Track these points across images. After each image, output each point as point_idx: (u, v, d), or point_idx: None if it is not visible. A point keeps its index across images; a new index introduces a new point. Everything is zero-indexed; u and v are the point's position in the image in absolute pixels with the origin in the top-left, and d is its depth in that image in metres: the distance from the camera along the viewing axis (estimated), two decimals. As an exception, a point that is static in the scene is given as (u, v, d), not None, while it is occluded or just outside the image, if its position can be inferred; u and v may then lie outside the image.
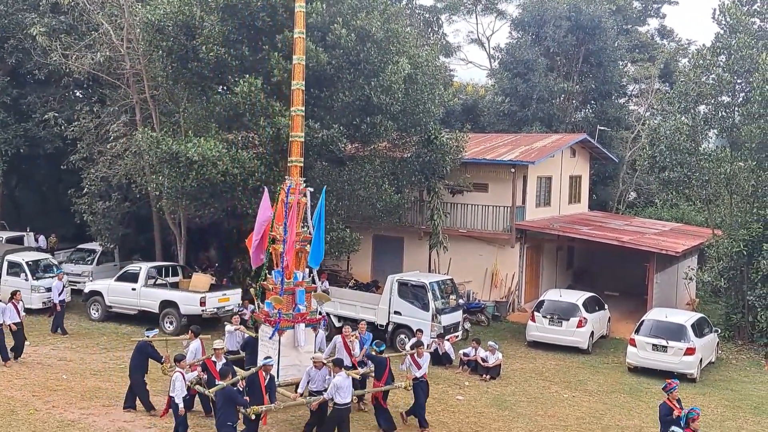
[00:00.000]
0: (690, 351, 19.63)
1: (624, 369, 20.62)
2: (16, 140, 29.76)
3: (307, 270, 16.07)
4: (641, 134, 38.75)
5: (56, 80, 29.19)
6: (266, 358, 14.06)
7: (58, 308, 21.89)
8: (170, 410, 13.76)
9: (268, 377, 13.71)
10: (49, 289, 23.16)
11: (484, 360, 19.47)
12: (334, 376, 13.58)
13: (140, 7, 23.61)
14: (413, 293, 21.49)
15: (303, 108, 16.06)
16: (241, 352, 16.71)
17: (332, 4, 21.89)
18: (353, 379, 14.01)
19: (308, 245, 15.73)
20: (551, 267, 29.88)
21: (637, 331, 20.53)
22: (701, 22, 68.17)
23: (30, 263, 24.69)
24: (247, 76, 20.66)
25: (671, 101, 26.49)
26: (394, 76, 21.63)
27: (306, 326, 15.58)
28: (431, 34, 45.35)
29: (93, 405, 15.55)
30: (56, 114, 28.53)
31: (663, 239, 26.99)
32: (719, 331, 22.80)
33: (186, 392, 13.56)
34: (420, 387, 15.08)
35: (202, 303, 21.97)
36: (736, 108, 25.05)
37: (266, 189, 16.79)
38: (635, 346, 20.27)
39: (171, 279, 24.09)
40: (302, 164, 16.12)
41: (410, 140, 25.52)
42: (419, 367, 15.23)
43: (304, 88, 16.19)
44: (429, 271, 26.12)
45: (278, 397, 14.24)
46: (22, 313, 19.23)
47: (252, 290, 17.13)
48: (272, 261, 16.18)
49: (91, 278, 25.94)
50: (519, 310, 26.76)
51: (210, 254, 30.53)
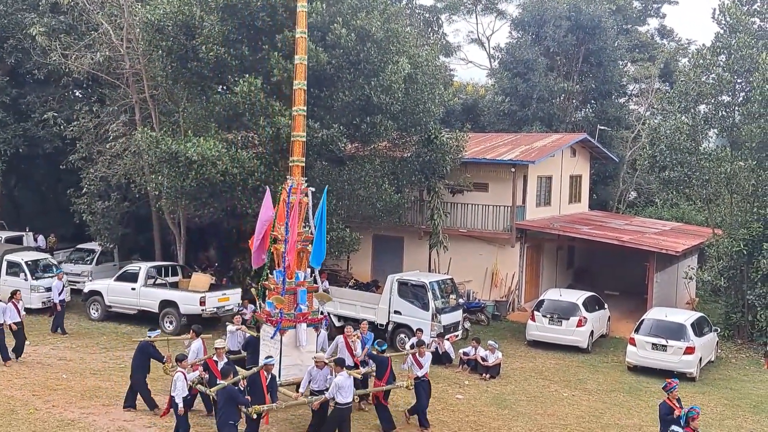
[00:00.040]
0: (689, 350, 19.64)
1: (623, 368, 20.63)
2: (16, 140, 29.76)
3: (309, 270, 16.07)
4: (641, 134, 38.75)
5: (56, 80, 29.19)
6: (267, 358, 14.05)
7: (59, 308, 21.89)
8: (171, 410, 13.75)
9: (270, 377, 13.70)
10: (49, 289, 23.19)
11: (484, 359, 19.48)
12: (336, 376, 13.58)
13: (140, 7, 23.60)
14: (413, 293, 21.50)
15: (305, 108, 16.03)
16: (243, 352, 16.70)
17: (332, 4, 21.88)
18: (355, 379, 14.02)
19: (310, 245, 15.74)
20: (551, 266, 29.88)
21: (637, 331, 20.53)
22: (701, 22, 68.32)
23: (29, 263, 24.70)
24: (247, 76, 20.65)
25: (671, 101, 26.48)
26: (394, 76, 21.62)
27: (308, 326, 15.57)
28: (431, 34, 45.32)
29: (93, 404, 15.55)
30: (55, 114, 28.53)
31: (663, 239, 26.99)
32: (719, 331, 22.83)
33: (187, 392, 13.55)
34: (421, 386, 15.08)
35: (202, 303, 21.97)
36: (736, 107, 25.05)
37: (268, 189, 16.76)
38: (635, 345, 20.27)
39: (170, 279, 24.09)
40: (304, 164, 16.10)
41: (410, 140, 25.51)
42: (421, 367, 15.23)
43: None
44: (429, 271, 26.12)
45: (280, 397, 14.23)
46: (22, 313, 19.24)
47: (253, 290, 17.13)
48: (274, 261, 16.19)
49: (91, 278, 25.94)
50: (519, 310, 26.76)
51: (209, 254, 30.52)
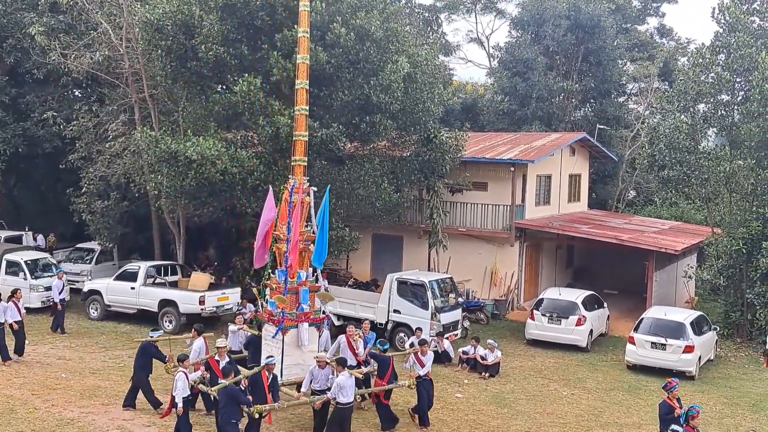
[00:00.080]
0: (689, 349, 19.66)
1: (623, 367, 20.65)
2: (15, 139, 29.72)
3: (311, 269, 16.06)
4: (641, 133, 38.77)
5: (55, 79, 29.15)
6: (268, 358, 14.04)
7: (59, 307, 21.88)
8: (173, 410, 13.75)
9: (271, 377, 13.70)
10: (48, 288, 23.19)
11: (483, 358, 19.50)
12: (337, 376, 13.59)
13: (139, 7, 23.59)
14: (413, 292, 21.51)
15: (307, 107, 16.01)
16: (244, 351, 16.71)
17: (331, 3, 21.87)
18: (356, 378, 14.03)
19: (312, 245, 15.71)
20: (550, 265, 29.89)
21: (636, 329, 20.55)
22: (700, 21, 68.34)
23: (29, 262, 24.67)
24: (246, 75, 20.64)
25: (670, 100, 26.50)
26: (394, 75, 21.62)
27: (309, 325, 15.56)
28: (430, 33, 45.29)
29: (92, 403, 15.55)
30: (55, 113, 28.50)
31: (662, 238, 27.01)
32: (718, 329, 22.88)
33: (188, 392, 13.53)
34: (423, 385, 15.07)
35: (201, 302, 21.95)
36: (736, 106, 25.08)
37: (270, 188, 16.73)
38: (634, 344, 20.29)
39: (170, 278, 24.07)
40: (306, 163, 16.09)
41: (410, 139, 25.50)
42: (423, 366, 15.24)
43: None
44: (428, 270, 26.13)
45: (282, 396, 14.23)
46: (23, 311, 19.24)
47: (255, 290, 17.12)
48: (275, 260, 16.19)
49: (90, 277, 25.94)
50: (518, 309, 26.77)
51: (209, 253, 30.51)
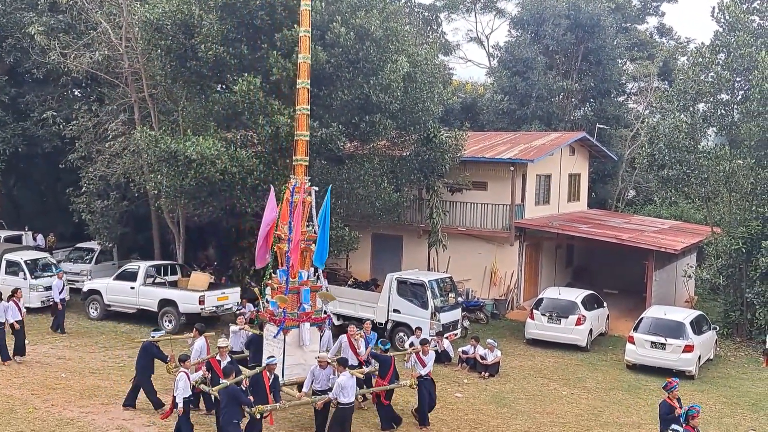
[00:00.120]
0: (688, 348, 19.67)
1: (622, 366, 20.65)
2: (15, 139, 29.72)
3: (312, 269, 16.06)
4: (640, 132, 38.76)
5: (54, 79, 29.14)
6: (270, 358, 14.04)
7: (60, 307, 21.87)
8: (174, 410, 13.74)
9: (273, 377, 13.70)
10: (48, 288, 23.19)
11: (483, 358, 19.51)
12: (338, 376, 13.59)
13: (139, 6, 23.58)
14: (412, 291, 21.51)
15: (308, 107, 16.01)
16: (245, 351, 16.71)
17: (331, 3, 21.86)
18: (358, 378, 14.02)
19: (313, 244, 15.70)
20: (550, 265, 29.89)
21: (636, 329, 20.55)
22: (700, 20, 68.35)
23: (28, 262, 24.68)
24: (246, 75, 20.64)
25: (670, 99, 26.49)
26: (393, 75, 21.60)
27: (311, 325, 15.56)
28: (430, 33, 45.31)
29: (92, 403, 15.55)
30: (54, 113, 28.47)
31: (662, 237, 27.01)
32: (718, 329, 22.88)
33: (189, 392, 13.52)
34: (424, 385, 15.04)
35: (201, 301, 21.95)
36: (735, 106, 25.08)
37: (272, 188, 16.71)
38: (634, 344, 20.29)
39: (170, 278, 24.07)
40: (307, 163, 16.07)
41: (409, 139, 25.49)
42: (424, 365, 15.23)
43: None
44: (428, 270, 26.14)
45: (283, 396, 14.23)
46: (23, 311, 19.23)
47: (256, 289, 17.11)
48: (277, 260, 16.18)
49: (90, 277, 25.95)
50: (518, 308, 26.77)
51: (209, 253, 30.50)
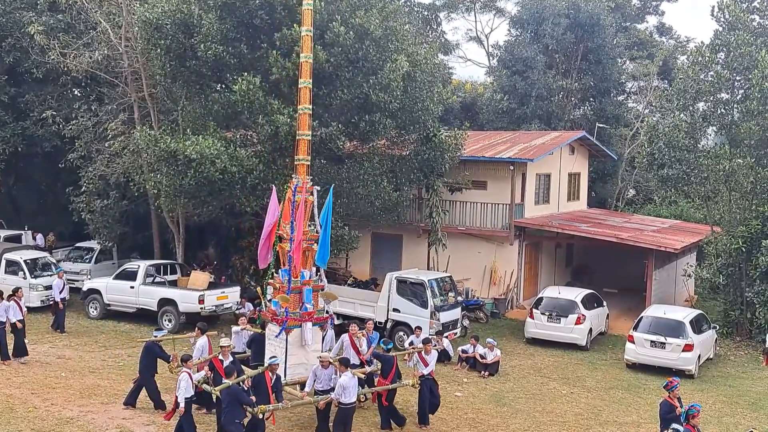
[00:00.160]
0: (688, 347, 19.67)
1: (622, 365, 20.66)
2: (14, 139, 29.70)
3: (314, 269, 16.05)
4: (640, 131, 38.74)
5: (54, 79, 29.13)
6: (272, 358, 14.03)
7: (61, 306, 21.87)
8: (176, 411, 13.74)
9: (275, 377, 13.70)
10: (48, 288, 23.19)
11: (483, 357, 19.51)
12: (340, 376, 13.58)
13: (138, 6, 23.56)
14: (412, 291, 21.53)
15: (310, 106, 15.99)
16: (247, 350, 16.70)
17: (331, 2, 21.82)
18: (359, 378, 13.99)
19: (315, 244, 15.69)
20: (550, 264, 29.90)
21: (636, 328, 20.56)
22: (700, 20, 68.29)
23: (28, 262, 24.69)
24: (246, 74, 20.63)
25: (670, 98, 26.48)
26: (393, 74, 21.58)
27: (313, 325, 15.55)
28: (430, 32, 45.32)
29: (91, 402, 15.55)
30: (54, 112, 28.42)
31: (662, 236, 27.02)
32: (717, 328, 22.87)
33: (192, 392, 13.51)
34: (425, 384, 15.02)
35: (201, 301, 21.95)
36: (735, 105, 25.03)
37: (274, 189, 16.68)
38: (633, 343, 20.30)
39: (169, 277, 24.07)
40: (309, 162, 16.05)
41: (409, 138, 25.46)
42: (426, 365, 15.22)
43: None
44: (428, 269, 26.13)
45: (285, 396, 14.21)
46: (24, 310, 19.22)
47: (258, 289, 17.12)
48: (278, 260, 16.17)
49: (90, 276, 25.95)
50: (517, 308, 26.78)
51: (208, 252, 30.47)
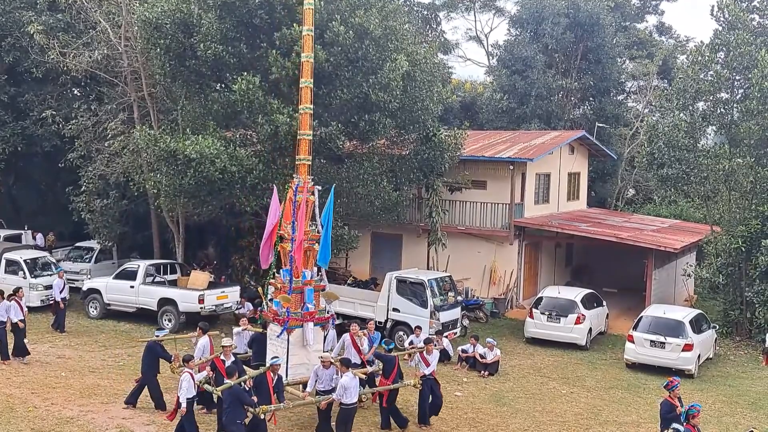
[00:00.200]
0: (688, 347, 19.68)
1: (622, 365, 20.66)
2: (14, 138, 29.67)
3: (316, 269, 16.04)
4: (640, 131, 38.76)
5: (54, 78, 29.10)
6: (273, 358, 14.03)
7: (61, 306, 21.86)
8: (178, 411, 13.75)
9: (276, 377, 13.70)
10: (48, 287, 23.18)
11: (482, 356, 19.52)
12: (341, 376, 13.58)
13: (138, 5, 23.55)
14: (412, 290, 21.53)
15: (311, 106, 15.97)
16: (249, 350, 16.69)
17: (330, 2, 21.81)
18: (361, 378, 13.98)
19: (316, 244, 15.68)
20: (550, 264, 29.90)
21: (636, 328, 20.56)
22: (700, 19, 68.35)
23: (28, 261, 24.68)
24: (245, 74, 20.62)
25: (669, 98, 26.48)
26: (393, 74, 21.57)
27: (315, 325, 15.54)
28: (429, 32, 45.30)
29: (92, 402, 15.56)
30: (54, 112, 28.40)
31: (661, 236, 27.02)
32: (717, 328, 22.87)
33: (194, 392, 13.51)
34: (426, 384, 15.01)
35: (201, 300, 21.95)
36: (735, 104, 25.04)
37: (275, 189, 16.66)
38: (633, 343, 20.31)
39: (169, 276, 24.07)
40: (310, 162, 16.03)
41: (409, 138, 25.45)
42: (428, 365, 15.21)
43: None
44: (427, 269, 26.14)
45: (287, 396, 14.21)
46: (25, 310, 19.22)
47: (260, 289, 17.12)
48: (280, 260, 16.16)
49: (89, 276, 25.94)
50: (517, 307, 26.78)
51: (208, 252, 30.48)
